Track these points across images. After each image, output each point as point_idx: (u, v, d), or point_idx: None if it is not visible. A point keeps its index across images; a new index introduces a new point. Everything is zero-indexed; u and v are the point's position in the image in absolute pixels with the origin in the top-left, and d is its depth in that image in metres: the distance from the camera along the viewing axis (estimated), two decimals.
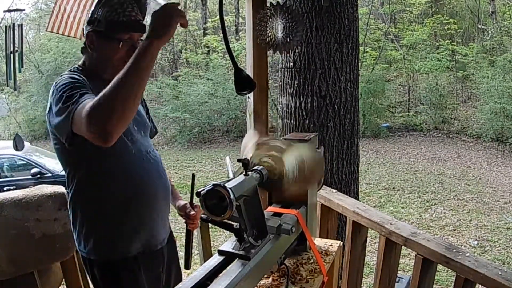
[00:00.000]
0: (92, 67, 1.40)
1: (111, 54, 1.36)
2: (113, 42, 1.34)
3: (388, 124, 12.62)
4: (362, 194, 7.27)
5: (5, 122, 14.73)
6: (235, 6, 16.36)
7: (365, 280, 4.04)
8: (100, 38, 1.35)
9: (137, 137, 1.45)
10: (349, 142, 2.93)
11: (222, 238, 5.67)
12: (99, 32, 1.34)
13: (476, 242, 5.67)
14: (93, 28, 1.35)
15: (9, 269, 1.62)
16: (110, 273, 1.42)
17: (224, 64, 13.86)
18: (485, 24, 13.85)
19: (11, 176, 7.06)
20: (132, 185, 1.40)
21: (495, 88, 11.01)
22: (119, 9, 1.34)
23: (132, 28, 1.36)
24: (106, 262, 1.42)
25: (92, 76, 1.37)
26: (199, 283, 0.96)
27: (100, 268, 1.42)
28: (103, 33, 1.34)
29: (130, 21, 1.35)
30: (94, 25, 1.34)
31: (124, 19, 1.34)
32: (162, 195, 1.49)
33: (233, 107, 13.10)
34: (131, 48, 1.35)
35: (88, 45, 1.37)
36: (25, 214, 1.63)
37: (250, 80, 1.54)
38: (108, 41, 1.34)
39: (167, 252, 1.56)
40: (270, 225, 1.12)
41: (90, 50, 1.38)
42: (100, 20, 1.33)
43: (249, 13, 2.35)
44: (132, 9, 1.36)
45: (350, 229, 2.05)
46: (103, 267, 1.42)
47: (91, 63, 1.41)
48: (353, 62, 2.88)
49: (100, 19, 1.33)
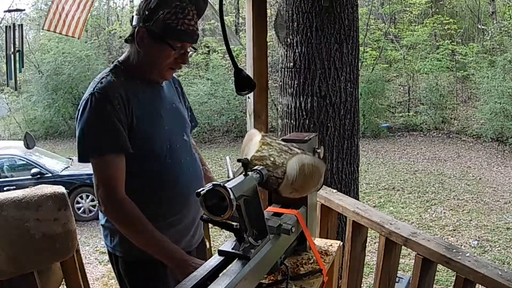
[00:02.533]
0: (137, 64, 1.35)
1: (159, 57, 1.32)
2: (164, 46, 1.29)
3: (388, 124, 12.62)
4: (362, 194, 7.27)
5: (5, 122, 14.72)
6: (235, 6, 16.36)
7: (365, 280, 4.04)
8: (151, 38, 1.29)
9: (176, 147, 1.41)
10: (349, 142, 2.93)
11: (222, 238, 5.67)
12: (152, 32, 1.29)
13: (476, 242, 5.67)
14: (147, 26, 1.29)
15: (9, 269, 1.62)
16: (134, 271, 1.42)
17: (224, 64, 13.86)
18: (485, 24, 13.84)
19: (11, 176, 7.05)
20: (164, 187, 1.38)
21: (495, 88, 11.01)
22: (180, 15, 1.27)
23: (187, 38, 1.32)
24: (131, 260, 1.41)
25: (133, 74, 1.35)
26: (199, 283, 0.96)
27: (124, 265, 1.42)
28: (157, 34, 1.28)
29: (188, 31, 1.30)
30: (149, 24, 1.28)
31: (183, 28, 1.28)
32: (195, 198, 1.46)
33: (233, 107, 13.10)
34: (180, 57, 1.33)
35: (137, 41, 1.31)
36: (25, 214, 1.63)
37: (250, 80, 1.54)
38: (160, 43, 1.29)
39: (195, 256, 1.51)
40: (270, 225, 1.12)
41: (138, 46, 1.32)
42: (157, 21, 1.27)
43: (249, 13, 2.35)
44: (192, 18, 1.30)
45: (350, 229, 2.04)
46: (128, 264, 1.42)
47: (137, 60, 1.35)
48: (353, 62, 2.88)
49: (156, 20, 1.27)
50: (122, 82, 1.32)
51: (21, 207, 1.63)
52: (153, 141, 1.35)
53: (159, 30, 1.28)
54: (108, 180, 1.26)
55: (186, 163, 1.44)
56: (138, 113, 1.32)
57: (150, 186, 1.37)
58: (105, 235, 1.44)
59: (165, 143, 1.38)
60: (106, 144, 1.26)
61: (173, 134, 1.41)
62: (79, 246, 1.84)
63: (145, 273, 1.40)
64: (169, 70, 1.37)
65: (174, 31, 1.28)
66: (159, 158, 1.36)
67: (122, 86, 1.30)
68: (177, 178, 1.40)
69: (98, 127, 1.26)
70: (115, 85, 1.30)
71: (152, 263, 1.37)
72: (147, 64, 1.35)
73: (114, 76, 1.32)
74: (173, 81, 1.55)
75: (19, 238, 1.63)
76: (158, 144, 1.36)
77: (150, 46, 1.31)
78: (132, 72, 1.36)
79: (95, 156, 1.27)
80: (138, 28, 1.30)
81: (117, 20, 17.75)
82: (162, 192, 1.38)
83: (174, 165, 1.39)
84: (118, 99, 1.27)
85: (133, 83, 1.34)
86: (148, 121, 1.34)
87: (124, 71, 1.36)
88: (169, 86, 1.50)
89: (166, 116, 1.40)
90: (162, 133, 1.37)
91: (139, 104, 1.33)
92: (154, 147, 1.35)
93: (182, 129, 1.47)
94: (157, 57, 1.32)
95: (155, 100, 1.39)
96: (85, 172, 6.88)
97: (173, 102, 1.47)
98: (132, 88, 1.33)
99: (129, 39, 1.35)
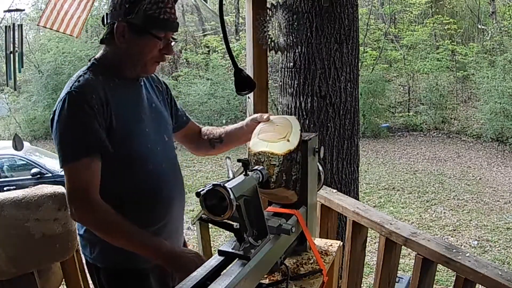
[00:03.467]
0: (116, 61, 1.30)
1: (144, 50, 1.27)
2: (148, 38, 1.25)
3: (388, 124, 12.62)
4: (362, 194, 7.27)
5: (5, 122, 14.71)
6: (235, 6, 16.35)
7: (365, 280, 4.04)
8: (133, 31, 1.24)
9: (157, 150, 1.35)
10: (349, 142, 2.93)
11: (222, 238, 5.68)
12: (133, 25, 1.24)
13: (476, 242, 5.67)
14: (128, 19, 1.23)
15: (9, 269, 1.62)
16: (116, 282, 1.35)
17: (224, 64, 13.86)
18: (485, 24, 13.84)
19: (11, 176, 7.06)
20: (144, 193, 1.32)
21: (495, 88, 11.01)
22: (161, 4, 1.24)
23: (170, 27, 1.28)
24: (113, 270, 1.34)
25: (111, 72, 1.29)
26: (199, 283, 0.96)
27: (106, 276, 1.35)
28: (139, 26, 1.23)
29: (170, 20, 1.26)
30: (130, 17, 1.23)
31: (165, 16, 1.24)
32: (178, 203, 1.41)
33: (233, 107, 13.10)
34: (165, 48, 1.30)
35: (117, 38, 1.25)
36: (25, 214, 1.63)
37: (250, 80, 1.54)
38: (142, 36, 1.25)
39: None
40: (270, 225, 1.12)
41: (119, 42, 1.26)
42: (138, 13, 1.22)
43: (249, 13, 2.35)
44: (172, 6, 1.27)
45: (350, 229, 2.04)
46: (110, 275, 1.35)
47: (115, 57, 1.30)
48: (353, 62, 2.88)
49: (138, 12, 1.22)
50: (100, 80, 1.26)
51: (21, 207, 1.63)
52: (134, 142, 1.29)
53: (141, 22, 1.23)
54: (81, 184, 1.20)
55: (168, 168, 1.38)
56: (118, 112, 1.26)
57: (132, 192, 1.30)
58: (83, 245, 1.38)
59: (145, 144, 1.32)
60: (80, 148, 1.20)
61: (153, 135, 1.35)
62: (79, 246, 1.84)
63: (128, 283, 1.34)
64: (154, 63, 1.32)
65: (157, 21, 1.24)
66: (139, 161, 1.30)
67: (100, 84, 1.25)
68: (159, 185, 1.34)
69: (73, 130, 1.21)
70: (93, 84, 1.24)
71: (134, 273, 1.33)
72: (129, 60, 1.29)
73: (91, 74, 1.27)
74: (152, 79, 1.48)
75: (19, 238, 1.63)
76: (138, 146, 1.30)
77: (133, 41, 1.25)
78: (110, 70, 1.30)
79: (68, 161, 1.21)
80: (117, 24, 1.24)
81: None
82: (143, 199, 1.32)
83: (155, 171, 1.33)
84: (96, 98, 1.21)
85: (112, 81, 1.28)
86: (128, 121, 1.28)
87: (101, 69, 1.29)
88: (148, 85, 1.43)
89: (146, 117, 1.34)
90: (143, 135, 1.32)
91: (119, 103, 1.27)
92: (134, 149, 1.29)
93: (163, 130, 1.41)
94: (141, 51, 1.27)
95: (134, 100, 1.34)
96: None
97: (152, 101, 1.40)
98: (111, 86, 1.27)
99: (106, 38, 1.29)
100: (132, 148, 1.29)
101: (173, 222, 1.41)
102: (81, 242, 1.39)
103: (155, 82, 1.48)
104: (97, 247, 1.33)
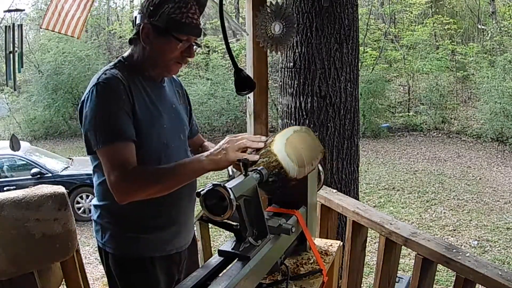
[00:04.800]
0: (141, 61, 1.37)
1: (165, 50, 1.34)
2: (171, 40, 1.32)
3: (388, 124, 12.61)
4: (362, 194, 7.27)
5: (5, 122, 14.71)
6: (235, 6, 16.36)
7: (365, 280, 4.04)
8: (156, 32, 1.32)
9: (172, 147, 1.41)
10: (349, 142, 2.93)
11: (222, 238, 5.68)
12: (157, 27, 1.31)
13: (476, 242, 5.67)
14: (151, 21, 1.31)
15: (9, 269, 1.62)
16: (123, 267, 1.42)
17: (224, 64, 13.85)
18: (485, 24, 13.84)
19: (11, 176, 7.06)
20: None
21: (495, 88, 11.01)
22: (184, 9, 1.31)
23: (192, 32, 1.34)
24: (120, 257, 1.41)
25: (135, 71, 1.36)
26: (199, 283, 0.96)
27: (114, 261, 1.42)
28: (162, 29, 1.31)
29: (192, 24, 1.33)
30: (154, 19, 1.31)
31: (187, 21, 1.31)
32: (187, 198, 1.46)
33: (233, 107, 13.10)
34: (186, 50, 1.36)
35: (142, 38, 1.33)
36: (25, 214, 1.63)
37: (250, 80, 1.54)
38: (166, 38, 1.32)
39: (187, 254, 1.53)
40: (270, 225, 1.12)
41: (144, 43, 1.34)
42: (162, 16, 1.30)
43: (249, 13, 2.35)
44: (195, 12, 1.33)
45: (350, 229, 2.05)
46: (117, 261, 1.41)
47: (141, 57, 1.37)
48: (353, 62, 2.88)
49: (161, 15, 1.30)
50: (126, 76, 1.33)
51: (21, 207, 1.63)
52: (152, 138, 1.35)
53: (164, 24, 1.30)
54: (119, 161, 1.23)
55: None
56: (139, 107, 1.32)
57: None
58: (96, 230, 1.44)
59: (162, 140, 1.38)
60: (115, 132, 1.25)
61: (171, 133, 1.41)
62: (79, 246, 1.84)
63: (134, 269, 1.40)
64: (175, 64, 1.38)
65: (178, 24, 1.31)
66: (155, 155, 1.36)
67: (126, 80, 1.32)
68: None
69: (106, 115, 1.26)
70: (119, 77, 1.31)
71: (141, 260, 1.39)
72: (153, 59, 1.36)
73: (118, 69, 1.34)
74: (175, 83, 1.56)
75: (19, 238, 1.63)
76: (155, 141, 1.36)
77: (156, 41, 1.33)
78: (135, 69, 1.37)
79: (106, 143, 1.25)
80: (143, 25, 1.32)
81: (117, 20, 17.75)
82: None
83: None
84: (122, 90, 1.28)
85: (136, 78, 1.35)
86: (148, 117, 1.34)
87: (128, 67, 1.37)
88: (170, 87, 1.51)
89: (165, 114, 1.41)
90: (161, 131, 1.38)
91: (141, 99, 1.34)
92: (151, 144, 1.35)
93: (180, 129, 1.48)
94: (163, 51, 1.34)
95: (156, 98, 1.40)
96: (85, 172, 6.88)
97: (173, 102, 1.48)
98: (135, 83, 1.34)
99: (134, 38, 1.37)
100: (149, 142, 1.34)
101: (182, 216, 1.46)
102: (94, 226, 1.45)
103: (177, 87, 1.57)
104: (107, 232, 1.40)
